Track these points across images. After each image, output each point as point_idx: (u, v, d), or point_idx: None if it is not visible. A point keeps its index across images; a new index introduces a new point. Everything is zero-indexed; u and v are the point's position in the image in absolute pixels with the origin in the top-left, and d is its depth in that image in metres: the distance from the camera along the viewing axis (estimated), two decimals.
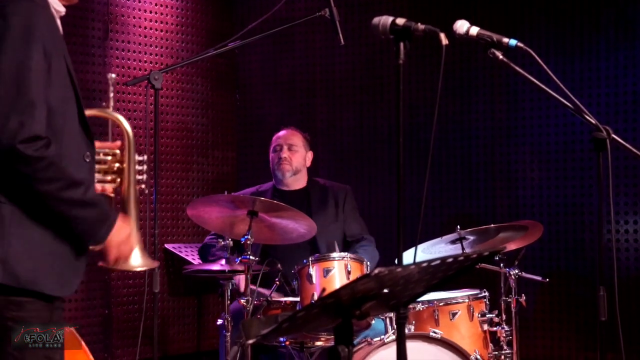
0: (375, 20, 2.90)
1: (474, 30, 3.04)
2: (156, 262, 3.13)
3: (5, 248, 2.53)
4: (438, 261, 2.22)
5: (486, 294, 4.48)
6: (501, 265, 4.52)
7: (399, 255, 2.78)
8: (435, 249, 4.61)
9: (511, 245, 4.62)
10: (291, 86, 6.31)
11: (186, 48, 6.09)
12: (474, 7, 5.72)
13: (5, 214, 2.54)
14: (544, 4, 5.66)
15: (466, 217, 5.60)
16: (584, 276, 5.45)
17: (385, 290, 2.20)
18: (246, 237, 4.28)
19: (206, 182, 6.21)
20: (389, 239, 5.22)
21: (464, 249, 4.52)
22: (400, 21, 2.86)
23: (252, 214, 4.33)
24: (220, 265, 4.42)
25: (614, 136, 3.20)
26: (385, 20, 2.88)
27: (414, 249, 3.72)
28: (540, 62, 3.06)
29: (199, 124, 6.18)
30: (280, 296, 4.60)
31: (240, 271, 4.34)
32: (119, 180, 2.82)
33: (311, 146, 5.22)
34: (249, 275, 4.27)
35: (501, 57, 3.04)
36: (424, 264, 2.18)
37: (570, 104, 3.17)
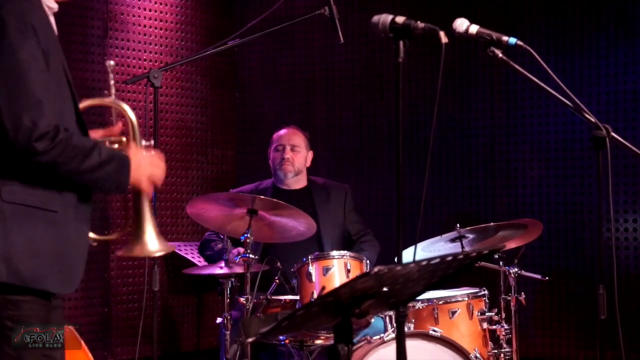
0: (375, 18, 2.89)
1: (474, 29, 3.03)
2: (173, 246, 3.16)
3: (8, 247, 2.54)
4: (438, 260, 2.22)
5: (486, 292, 4.48)
6: (501, 263, 4.52)
7: (398, 254, 2.78)
8: (434, 247, 4.61)
9: (511, 244, 4.61)
10: (291, 84, 6.30)
11: (186, 46, 6.09)
12: (474, 6, 5.71)
13: (6, 212, 2.55)
14: (544, 2, 5.65)
15: (466, 215, 5.59)
16: (584, 274, 5.44)
17: (385, 289, 2.20)
18: (246, 235, 4.28)
19: (205, 181, 6.21)
20: (388, 237, 5.23)
21: (463, 248, 4.52)
22: (400, 19, 2.86)
23: (252, 212, 4.33)
24: (219, 268, 4.43)
25: (613, 134, 3.19)
26: (385, 19, 2.87)
27: (413, 247, 3.71)
28: (540, 60, 3.05)
29: (198, 122, 6.18)
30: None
31: (240, 273, 4.35)
32: None
33: (311, 145, 5.22)
34: (248, 274, 4.28)
35: (501, 55, 3.03)
36: (424, 263, 2.18)
37: (569, 102, 3.16)
